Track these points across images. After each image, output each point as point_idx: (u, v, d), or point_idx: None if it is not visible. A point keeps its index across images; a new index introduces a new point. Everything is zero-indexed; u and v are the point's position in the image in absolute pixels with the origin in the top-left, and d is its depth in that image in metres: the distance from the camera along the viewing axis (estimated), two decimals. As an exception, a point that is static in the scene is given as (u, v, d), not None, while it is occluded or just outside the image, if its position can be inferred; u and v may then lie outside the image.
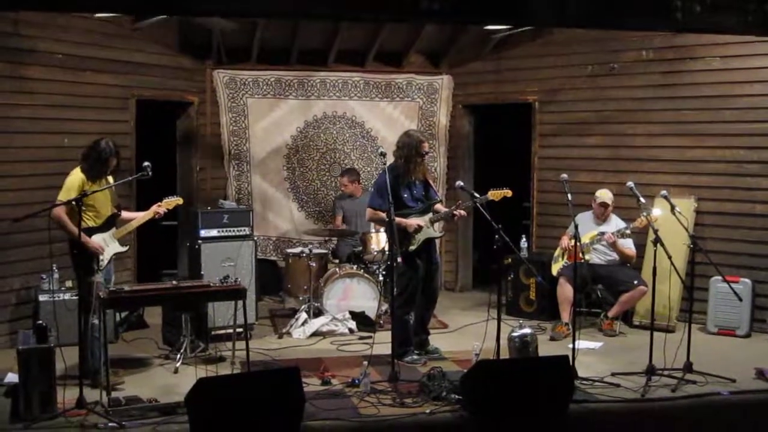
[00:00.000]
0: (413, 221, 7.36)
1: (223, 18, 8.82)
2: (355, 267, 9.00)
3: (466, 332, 7.91)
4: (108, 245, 6.82)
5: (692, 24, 5.92)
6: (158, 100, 9.71)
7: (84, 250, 6.60)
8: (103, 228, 6.83)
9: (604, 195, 8.60)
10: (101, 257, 6.71)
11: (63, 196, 6.60)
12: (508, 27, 9.62)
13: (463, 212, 7.51)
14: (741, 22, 5.94)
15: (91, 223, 6.75)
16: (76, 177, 6.72)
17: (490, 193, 7.48)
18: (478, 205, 7.30)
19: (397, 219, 7.17)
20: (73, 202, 6.27)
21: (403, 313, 7.51)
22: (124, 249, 7.05)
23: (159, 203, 7.09)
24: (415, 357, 7.47)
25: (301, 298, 8.99)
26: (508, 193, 7.57)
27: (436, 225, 7.64)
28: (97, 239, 6.74)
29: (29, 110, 8.05)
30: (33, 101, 8.08)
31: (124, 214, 7.11)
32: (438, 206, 7.75)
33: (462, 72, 10.85)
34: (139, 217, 7.10)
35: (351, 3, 5.24)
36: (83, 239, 6.52)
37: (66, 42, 8.39)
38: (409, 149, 7.45)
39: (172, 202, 7.19)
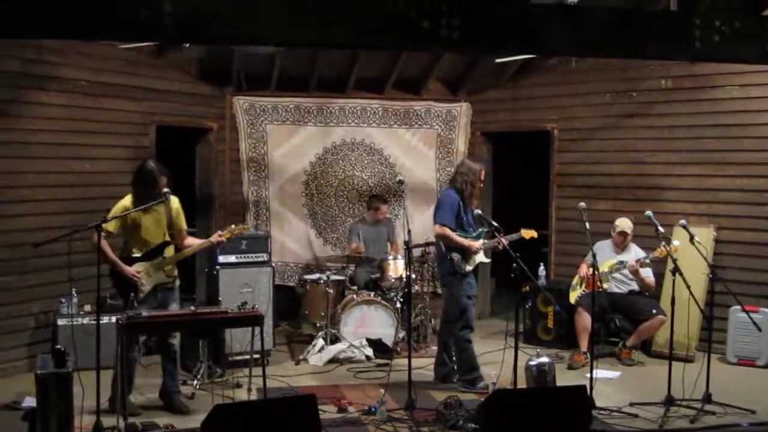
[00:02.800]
0: (476, 243, 7.41)
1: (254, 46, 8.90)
2: (372, 294, 8.99)
3: (483, 360, 7.86)
4: (151, 275, 6.68)
5: (711, 53, 5.93)
6: (178, 126, 9.78)
7: (120, 279, 6.60)
8: (147, 257, 6.69)
9: (624, 224, 8.57)
10: (140, 288, 6.61)
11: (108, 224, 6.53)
12: (522, 58, 9.66)
13: (503, 245, 7.54)
14: (759, 52, 5.93)
15: (135, 252, 6.68)
16: (120, 202, 6.69)
17: (522, 231, 7.73)
18: (502, 239, 7.37)
19: (461, 239, 7.34)
20: (97, 227, 6.17)
21: (465, 337, 7.58)
22: (169, 280, 6.81)
23: (220, 232, 6.99)
24: (486, 383, 7.42)
25: (318, 325, 8.98)
26: (535, 234, 7.77)
27: (480, 254, 7.62)
28: (138, 269, 6.64)
29: (50, 135, 8.13)
30: (54, 127, 8.17)
31: (188, 241, 6.99)
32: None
33: (480, 99, 10.88)
34: (195, 245, 6.98)
35: (370, 33, 5.28)
36: (120, 267, 6.56)
37: (88, 69, 8.48)
38: (474, 175, 7.54)
39: (237, 229, 7.04)
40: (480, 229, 7.61)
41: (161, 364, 6.86)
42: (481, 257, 7.50)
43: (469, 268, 7.47)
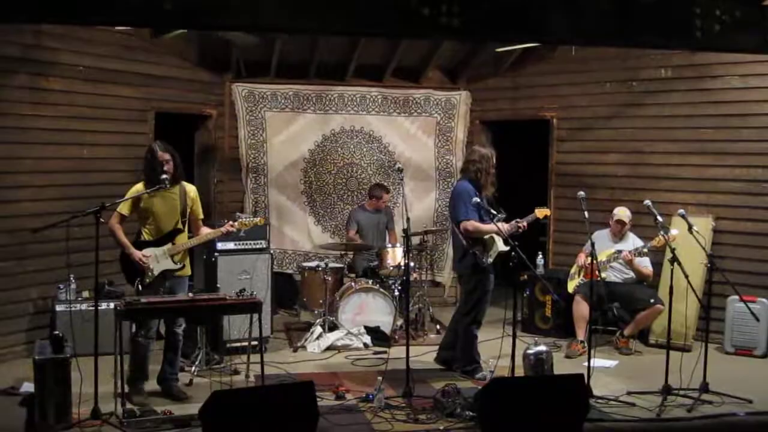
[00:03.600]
0: (503, 225, 7.33)
1: (246, 33, 8.86)
2: (370, 282, 9.00)
3: (481, 349, 7.87)
4: (159, 261, 6.65)
5: (711, 43, 5.92)
6: (177, 112, 9.76)
7: (129, 263, 6.61)
8: (158, 242, 6.69)
9: (622, 213, 8.58)
10: (147, 272, 6.60)
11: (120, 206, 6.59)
12: (521, 47, 9.65)
13: (523, 223, 7.52)
14: (760, 41, 5.93)
15: (146, 237, 6.70)
16: (134, 186, 6.71)
17: (537, 210, 7.68)
18: (522, 222, 7.49)
19: (490, 226, 7.27)
20: (96, 211, 6.15)
21: (474, 329, 7.60)
22: (177, 267, 6.76)
23: (232, 222, 6.95)
24: (485, 374, 7.43)
25: (316, 312, 8.99)
26: (548, 212, 7.68)
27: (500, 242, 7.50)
28: (147, 253, 6.63)
29: (49, 121, 8.12)
30: (53, 113, 8.15)
31: (202, 231, 6.96)
32: (500, 223, 7.69)
33: (480, 88, 10.87)
34: (203, 234, 6.95)
35: (370, 20, 5.27)
36: (129, 251, 6.57)
37: (87, 54, 8.45)
38: (486, 162, 7.48)
39: (249, 222, 7.02)
40: (497, 215, 7.53)
41: (163, 351, 6.86)
42: (500, 246, 7.35)
43: (490, 260, 7.42)
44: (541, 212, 7.76)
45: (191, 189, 6.89)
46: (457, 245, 7.65)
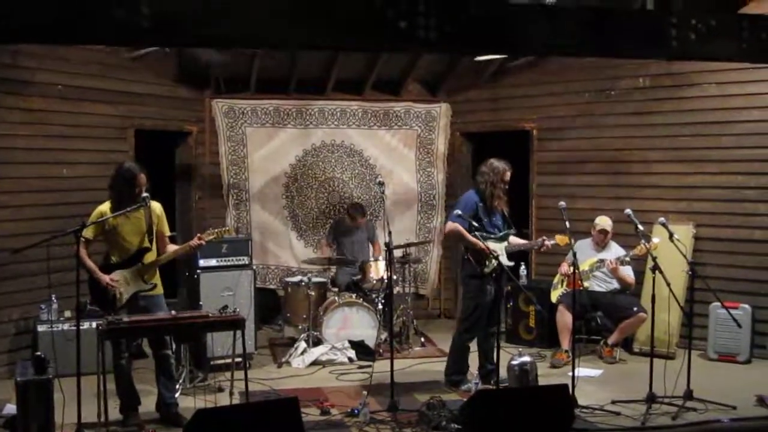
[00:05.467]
0: (489, 246, 7.28)
1: (219, 50, 8.85)
2: (354, 296, 8.99)
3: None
4: (129, 283, 6.52)
5: (687, 52, 5.94)
6: (157, 130, 9.74)
7: (98, 289, 6.47)
8: (125, 264, 6.54)
9: (604, 222, 8.61)
10: (118, 296, 6.45)
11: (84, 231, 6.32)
12: (501, 57, 9.68)
13: (548, 243, 7.51)
14: (735, 50, 5.95)
15: (114, 259, 6.56)
16: (98, 208, 6.53)
17: (557, 237, 7.59)
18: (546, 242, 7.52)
19: (473, 239, 7.20)
20: (76, 233, 6.06)
21: (464, 339, 7.59)
22: (148, 287, 6.61)
23: (200, 235, 6.77)
24: (470, 386, 7.42)
25: (300, 327, 8.97)
26: (568, 240, 7.61)
27: (503, 257, 7.45)
28: (115, 277, 6.48)
29: (28, 141, 8.09)
30: (32, 132, 8.12)
31: (169, 248, 6.81)
32: (513, 238, 7.70)
33: (460, 100, 10.90)
34: (173, 250, 6.80)
35: (348, 34, 5.27)
36: (96, 276, 6.43)
37: (65, 73, 8.44)
38: (495, 175, 7.48)
39: (217, 232, 6.80)
40: (506, 231, 7.54)
41: (155, 375, 6.73)
42: (503, 260, 7.30)
43: (486, 270, 7.38)
44: (561, 239, 7.61)
45: (156, 206, 6.72)
46: (461, 253, 7.68)
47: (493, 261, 7.16)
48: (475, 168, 10.95)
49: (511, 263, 7.48)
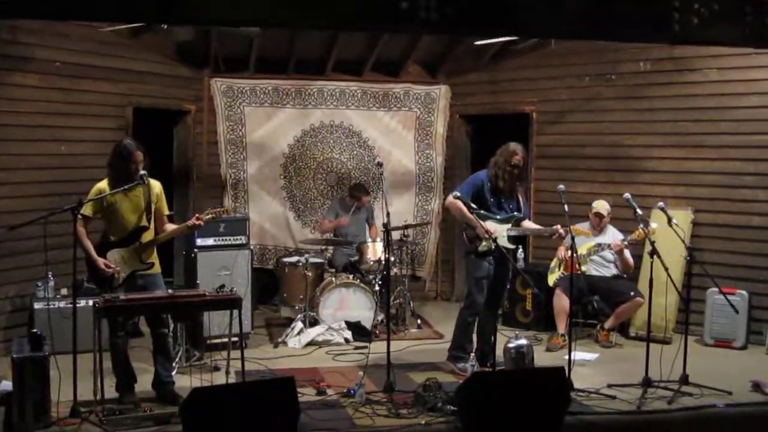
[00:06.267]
0: (485, 227, 7.21)
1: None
2: (351, 277, 8.98)
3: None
4: (126, 262, 6.49)
5: (689, 36, 5.92)
6: (156, 108, 9.71)
7: (96, 269, 6.43)
8: (123, 243, 6.50)
9: (600, 206, 8.60)
10: (115, 276, 6.42)
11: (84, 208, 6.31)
12: (501, 41, 9.64)
13: (562, 232, 7.49)
14: (738, 34, 5.94)
15: (112, 237, 6.52)
16: (97, 185, 6.48)
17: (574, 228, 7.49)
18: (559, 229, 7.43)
19: (473, 216, 7.18)
20: (72, 210, 6.03)
21: (464, 316, 7.58)
22: (145, 266, 6.58)
23: (198, 215, 6.74)
24: (467, 366, 7.41)
25: (297, 308, 8.97)
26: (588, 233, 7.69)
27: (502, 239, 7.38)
28: (112, 256, 6.46)
29: (26, 118, 8.05)
30: (30, 109, 8.08)
31: (167, 227, 6.78)
32: (526, 222, 7.66)
33: (459, 82, 10.86)
34: (171, 230, 6.79)
35: (349, 14, 5.24)
36: (92, 258, 6.39)
37: (64, 50, 8.40)
38: (502, 156, 7.41)
39: (215, 212, 6.78)
40: (511, 214, 7.47)
41: (152, 355, 6.71)
42: (503, 242, 7.27)
43: (481, 247, 7.35)
44: (577, 230, 7.49)
45: (155, 184, 6.68)
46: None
47: (490, 242, 7.12)
48: (474, 151, 11.02)
49: (513, 246, 7.44)
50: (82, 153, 8.56)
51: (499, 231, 7.31)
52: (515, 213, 7.49)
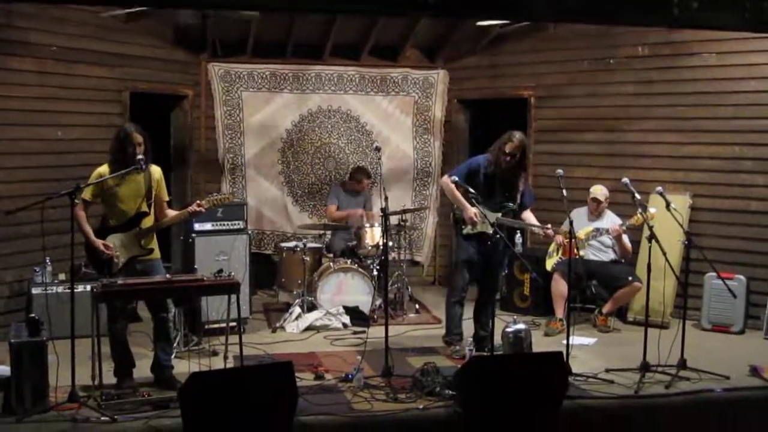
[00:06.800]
0: (471, 211, 7.31)
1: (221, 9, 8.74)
2: (349, 261, 8.97)
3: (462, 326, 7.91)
4: (125, 247, 6.46)
5: (688, 20, 5.91)
6: (152, 92, 9.67)
7: (95, 252, 6.41)
8: (122, 228, 6.46)
9: (597, 191, 8.59)
10: (114, 260, 6.39)
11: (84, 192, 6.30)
12: (502, 23, 9.60)
13: (550, 233, 7.58)
14: (737, 18, 5.93)
15: (111, 222, 6.49)
16: (97, 169, 6.43)
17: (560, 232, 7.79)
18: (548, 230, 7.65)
19: (458, 197, 7.33)
20: (70, 194, 5.95)
21: (448, 298, 7.75)
22: (144, 251, 6.55)
23: (199, 201, 6.71)
24: (458, 348, 7.49)
25: (294, 293, 8.97)
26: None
27: (487, 225, 7.31)
28: (111, 241, 6.42)
29: (21, 102, 8.01)
30: (25, 93, 8.04)
31: (168, 212, 6.74)
32: (526, 214, 7.70)
33: (458, 67, 10.83)
34: (171, 216, 6.76)
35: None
36: (90, 240, 6.36)
37: (60, 34, 8.35)
38: (498, 143, 7.43)
39: (215, 199, 6.76)
40: (505, 204, 7.46)
41: (153, 340, 6.72)
42: (485, 228, 7.31)
43: (465, 230, 7.44)
44: (565, 234, 7.72)
45: (156, 170, 6.65)
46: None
47: (477, 226, 7.30)
48: (472, 136, 10.99)
49: (497, 235, 7.41)
50: (78, 138, 8.53)
51: (490, 217, 7.30)
52: (509, 203, 7.46)
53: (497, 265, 7.66)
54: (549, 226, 7.64)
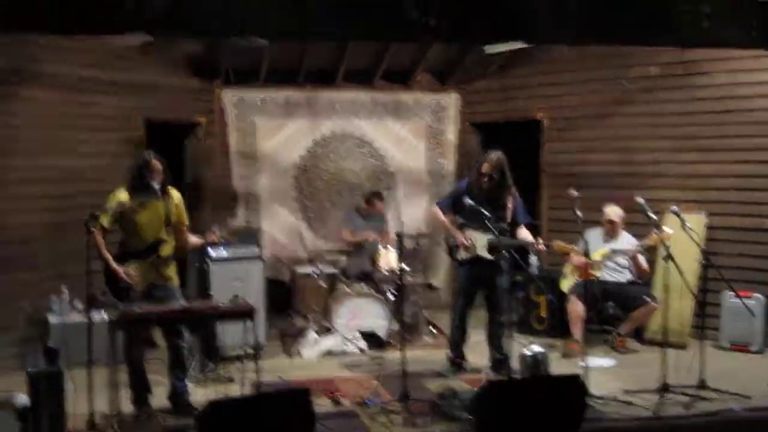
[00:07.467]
0: (460, 237, 7.41)
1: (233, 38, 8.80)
2: (365, 286, 8.97)
3: (477, 350, 7.87)
4: (144, 276, 6.45)
5: (698, 39, 5.94)
6: (167, 120, 9.72)
7: (113, 279, 6.39)
8: (141, 255, 6.47)
9: (612, 212, 8.55)
10: (133, 287, 6.39)
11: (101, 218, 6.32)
12: (508, 50, 9.63)
13: (541, 247, 7.59)
14: (746, 36, 5.94)
15: (130, 248, 6.48)
16: (115, 195, 6.44)
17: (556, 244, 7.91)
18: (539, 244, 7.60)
19: (451, 226, 7.45)
20: (87, 221, 6.03)
21: (450, 319, 7.84)
22: (163, 280, 6.57)
23: (214, 229, 6.78)
24: (448, 368, 7.62)
25: (310, 318, 8.96)
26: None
27: (483, 248, 7.45)
28: (131, 267, 6.42)
29: (37, 132, 8.07)
30: (42, 123, 8.11)
31: (189, 238, 6.80)
32: (522, 231, 7.64)
33: (469, 90, 10.87)
34: (189, 245, 6.82)
35: (357, 24, 5.26)
36: (111, 266, 6.36)
37: (75, 64, 8.42)
38: (475, 165, 7.58)
39: (234, 232, 6.83)
40: (496, 225, 7.26)
41: (168, 368, 6.69)
42: (482, 252, 7.37)
43: (460, 256, 7.47)
44: (560, 246, 7.99)
45: (175, 195, 6.67)
46: None
47: (465, 252, 7.44)
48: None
49: (490, 257, 7.37)
50: (95, 167, 8.57)
51: (479, 241, 7.32)
52: (500, 224, 7.41)
53: (496, 287, 7.61)
54: (541, 241, 7.61)
